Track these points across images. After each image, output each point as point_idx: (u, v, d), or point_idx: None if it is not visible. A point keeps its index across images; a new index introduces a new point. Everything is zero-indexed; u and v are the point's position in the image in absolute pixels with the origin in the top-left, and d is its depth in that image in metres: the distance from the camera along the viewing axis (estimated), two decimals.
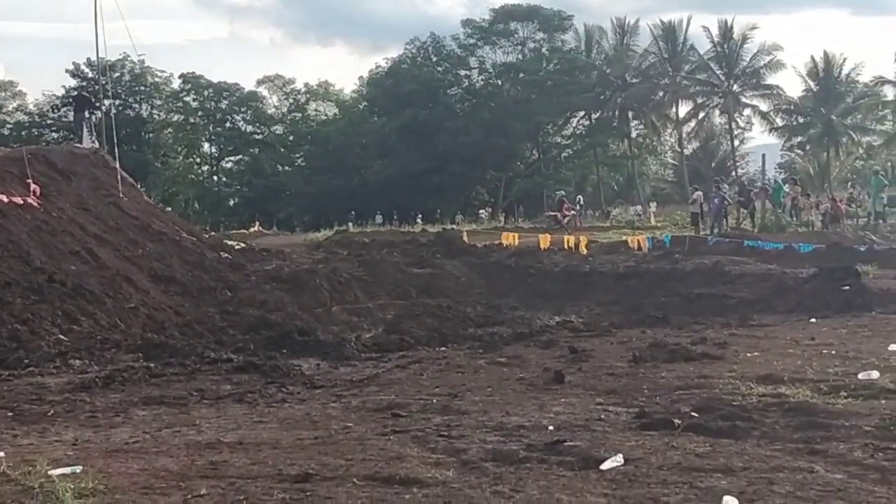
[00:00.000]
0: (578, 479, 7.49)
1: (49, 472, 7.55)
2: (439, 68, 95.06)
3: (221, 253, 30.05)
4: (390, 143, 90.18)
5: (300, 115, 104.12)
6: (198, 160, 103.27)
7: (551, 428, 9.37)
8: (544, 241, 35.77)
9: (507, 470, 7.75)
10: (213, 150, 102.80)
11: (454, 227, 54.11)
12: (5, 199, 23.49)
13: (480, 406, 10.72)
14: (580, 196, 74.22)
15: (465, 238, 39.02)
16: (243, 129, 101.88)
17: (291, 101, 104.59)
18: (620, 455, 8.04)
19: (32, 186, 25.81)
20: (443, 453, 8.37)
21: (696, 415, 9.74)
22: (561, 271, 29.31)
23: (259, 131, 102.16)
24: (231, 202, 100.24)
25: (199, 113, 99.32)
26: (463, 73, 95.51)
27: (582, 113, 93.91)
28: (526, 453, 8.26)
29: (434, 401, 11.12)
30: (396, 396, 11.56)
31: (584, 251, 33.65)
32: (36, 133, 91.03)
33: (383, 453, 8.38)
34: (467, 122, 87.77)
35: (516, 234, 39.36)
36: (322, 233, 55.51)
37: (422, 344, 17.48)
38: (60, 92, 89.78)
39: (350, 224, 63.65)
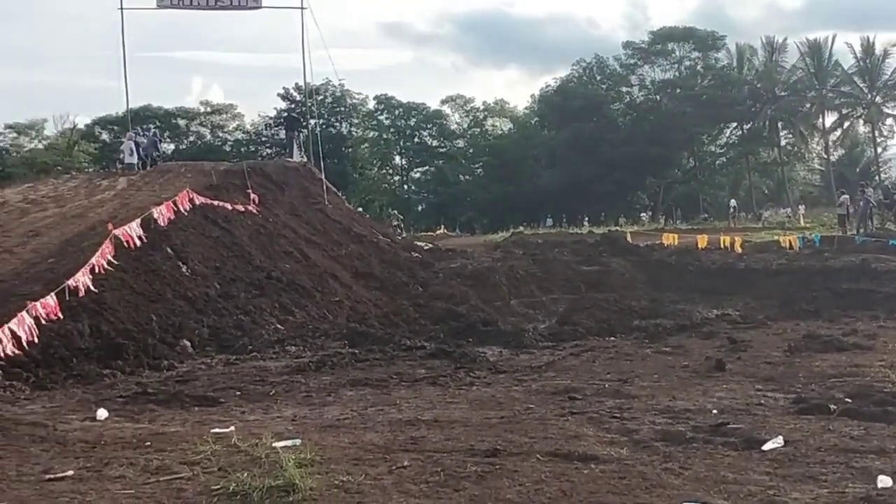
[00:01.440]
0: (742, 458, 7.32)
1: (273, 444, 7.73)
2: (603, 86, 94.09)
3: (412, 253, 30.41)
4: (559, 154, 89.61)
5: (479, 130, 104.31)
6: (390, 171, 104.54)
7: (715, 411, 9.19)
8: (702, 240, 35.02)
9: (675, 449, 7.62)
10: (404, 162, 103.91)
11: (618, 228, 53.39)
12: (230, 207, 24.27)
13: (649, 391, 10.58)
14: (733, 200, 72.41)
15: (629, 238, 38.44)
16: (429, 143, 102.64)
17: (471, 118, 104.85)
18: (780, 437, 7.83)
19: (252, 196, 26.60)
20: (616, 433, 8.28)
21: (849, 400, 9.42)
22: (718, 268, 28.71)
23: (443, 145, 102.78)
24: (419, 208, 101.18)
25: (391, 130, 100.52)
26: (624, 89, 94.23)
27: (734, 124, 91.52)
28: (692, 434, 8.12)
29: (606, 386, 11.02)
30: (572, 381, 11.49)
31: (739, 250, 32.81)
32: (253, 149, 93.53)
33: (562, 432, 8.33)
34: (629, 134, 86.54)
35: (675, 235, 38.59)
36: (499, 234, 55.49)
37: (592, 334, 17.35)
38: (273, 113, 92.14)
39: (524, 226, 63.49)
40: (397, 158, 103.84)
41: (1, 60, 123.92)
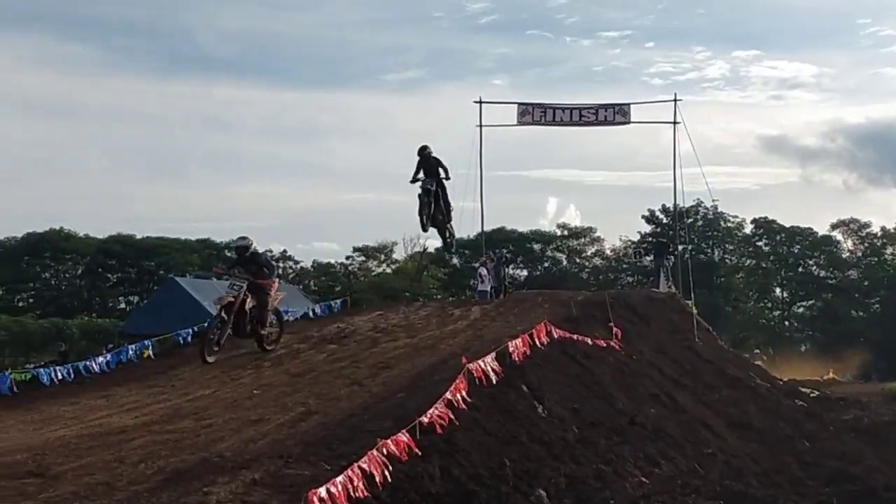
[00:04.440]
0: None
1: None
2: None
3: (796, 400, 29.44)
4: None
5: (876, 259, 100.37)
6: (769, 305, 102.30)
7: None
8: None
9: None
10: (785, 294, 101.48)
11: None
12: (590, 342, 24.57)
13: None
14: None
15: None
16: (816, 273, 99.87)
17: (867, 245, 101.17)
18: None
19: (615, 329, 26.83)
20: None
21: None
22: None
23: (832, 276, 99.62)
24: (803, 347, 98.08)
25: (771, 257, 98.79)
26: None
27: None
28: None
29: None
30: None
31: None
32: (612, 277, 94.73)
33: None
34: None
35: None
36: None
37: None
38: (636, 237, 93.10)
39: None
40: (777, 290, 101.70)
41: (350, 181, 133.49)
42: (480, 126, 41.58)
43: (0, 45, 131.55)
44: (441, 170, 29.42)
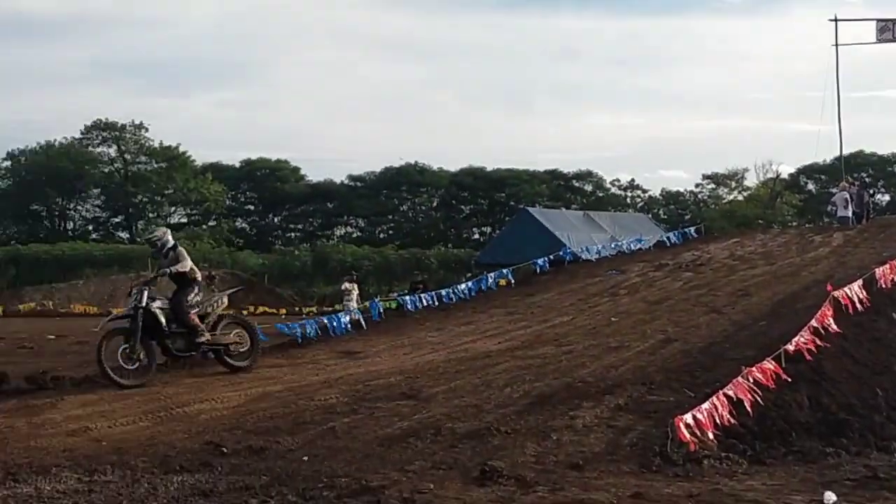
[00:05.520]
0: None
1: None
2: None
3: None
4: None
5: None
6: None
7: None
8: None
9: None
10: None
11: None
12: None
13: None
14: None
15: None
16: None
17: None
18: None
19: None
20: None
21: None
22: None
23: None
24: None
25: None
26: None
27: None
28: None
29: None
30: None
31: None
32: None
33: None
34: None
35: None
36: None
37: None
38: None
39: None
40: None
41: (697, 108, 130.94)
42: (836, 45, 39.97)
43: None
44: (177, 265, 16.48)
